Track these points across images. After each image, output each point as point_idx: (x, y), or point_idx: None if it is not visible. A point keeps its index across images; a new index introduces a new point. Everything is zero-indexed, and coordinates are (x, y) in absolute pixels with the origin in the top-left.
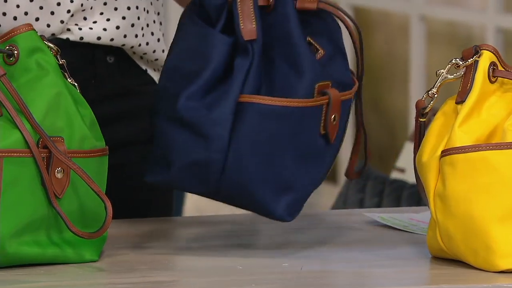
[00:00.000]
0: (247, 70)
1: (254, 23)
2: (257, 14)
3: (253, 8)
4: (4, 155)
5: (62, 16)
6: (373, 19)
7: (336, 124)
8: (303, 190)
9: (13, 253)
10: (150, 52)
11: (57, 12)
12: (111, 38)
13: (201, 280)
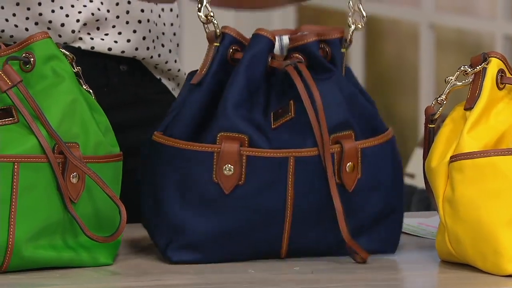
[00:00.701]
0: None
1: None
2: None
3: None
4: (20, 161)
5: (73, 26)
6: (383, 28)
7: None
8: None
9: (29, 256)
10: (163, 62)
11: (67, 22)
12: (122, 50)
13: (214, 282)
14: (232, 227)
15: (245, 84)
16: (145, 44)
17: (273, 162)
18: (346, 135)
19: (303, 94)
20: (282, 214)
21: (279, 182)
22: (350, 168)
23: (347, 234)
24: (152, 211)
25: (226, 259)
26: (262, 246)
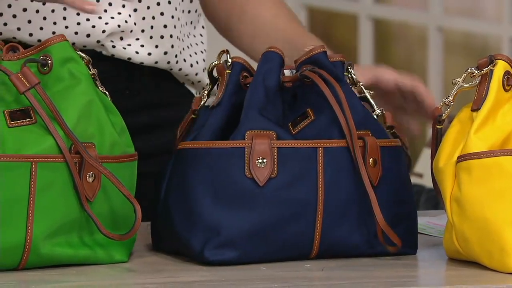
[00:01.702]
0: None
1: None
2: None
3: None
4: (37, 161)
5: (98, 36)
6: (393, 31)
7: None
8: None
9: (46, 254)
10: (182, 75)
11: (93, 34)
12: (141, 61)
13: (228, 279)
14: (267, 221)
15: (264, 93)
16: (165, 58)
17: (303, 153)
18: (365, 133)
19: (326, 90)
20: (314, 206)
21: (309, 173)
22: (373, 163)
23: (382, 219)
24: (184, 217)
25: (261, 257)
26: (295, 241)
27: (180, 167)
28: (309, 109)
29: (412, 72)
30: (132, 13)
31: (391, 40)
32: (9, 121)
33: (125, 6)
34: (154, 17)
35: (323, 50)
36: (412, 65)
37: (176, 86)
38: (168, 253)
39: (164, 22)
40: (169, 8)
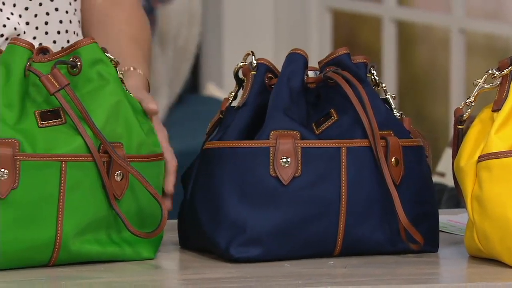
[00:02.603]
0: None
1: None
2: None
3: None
4: (67, 160)
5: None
6: (416, 33)
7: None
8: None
9: (76, 250)
10: None
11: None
12: None
13: (253, 275)
14: (291, 219)
15: (289, 94)
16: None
17: (327, 152)
18: (388, 133)
19: (349, 91)
20: (337, 204)
21: (333, 172)
22: (395, 162)
23: (404, 218)
24: (210, 215)
25: (285, 255)
26: (319, 239)
27: (206, 166)
28: (332, 109)
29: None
30: (23, 12)
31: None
32: (39, 121)
33: (16, 6)
34: (49, 13)
35: (347, 51)
36: (434, 66)
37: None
38: (194, 250)
39: (59, 17)
40: (63, 2)
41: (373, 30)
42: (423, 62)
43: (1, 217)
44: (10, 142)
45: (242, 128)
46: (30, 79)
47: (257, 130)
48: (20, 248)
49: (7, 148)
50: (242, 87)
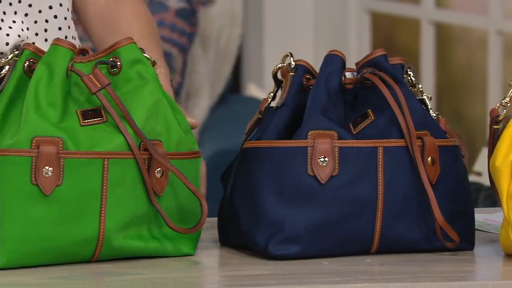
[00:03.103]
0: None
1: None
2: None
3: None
4: (109, 157)
5: (2, 48)
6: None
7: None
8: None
9: (118, 246)
10: None
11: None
12: None
13: (291, 272)
14: (329, 218)
15: (327, 94)
16: None
17: (364, 152)
18: (424, 133)
19: (386, 91)
20: (374, 203)
21: (370, 171)
22: (431, 162)
23: (440, 216)
24: (249, 213)
25: (323, 252)
26: (356, 237)
27: (246, 165)
28: (369, 109)
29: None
30: (24, 18)
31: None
32: (81, 120)
33: (17, 13)
34: (48, 20)
35: (383, 53)
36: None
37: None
38: (234, 247)
39: (58, 24)
40: (62, 10)
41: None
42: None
43: (46, 213)
44: (54, 140)
45: (281, 128)
46: (72, 79)
47: (295, 130)
48: (64, 243)
49: (51, 146)
50: (281, 87)
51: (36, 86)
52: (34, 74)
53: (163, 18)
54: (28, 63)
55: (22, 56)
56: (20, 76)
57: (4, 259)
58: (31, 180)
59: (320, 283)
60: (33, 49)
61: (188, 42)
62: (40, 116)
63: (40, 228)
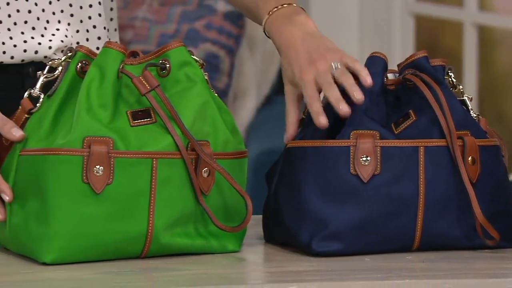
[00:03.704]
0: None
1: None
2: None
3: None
4: (158, 157)
5: (45, 52)
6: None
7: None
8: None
9: (166, 243)
10: None
11: (40, 50)
12: None
13: (333, 269)
14: (371, 216)
15: (369, 95)
16: None
17: (405, 151)
18: (465, 133)
19: (427, 92)
20: (415, 202)
21: (411, 170)
22: (472, 161)
23: (481, 214)
24: (293, 211)
25: (365, 249)
26: (397, 235)
27: (290, 164)
28: (411, 110)
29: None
30: (68, 27)
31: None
32: (131, 121)
33: (60, 22)
34: (88, 30)
35: (425, 55)
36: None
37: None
38: (278, 244)
39: (98, 34)
40: (100, 20)
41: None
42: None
43: (96, 211)
44: (105, 140)
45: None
46: (122, 80)
47: (338, 130)
48: (113, 240)
49: (102, 145)
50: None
51: (87, 87)
52: (86, 76)
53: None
54: (81, 65)
55: (75, 58)
56: (72, 77)
57: (55, 254)
58: (82, 178)
59: (362, 279)
60: (85, 51)
61: (235, 44)
62: (91, 117)
63: (90, 225)
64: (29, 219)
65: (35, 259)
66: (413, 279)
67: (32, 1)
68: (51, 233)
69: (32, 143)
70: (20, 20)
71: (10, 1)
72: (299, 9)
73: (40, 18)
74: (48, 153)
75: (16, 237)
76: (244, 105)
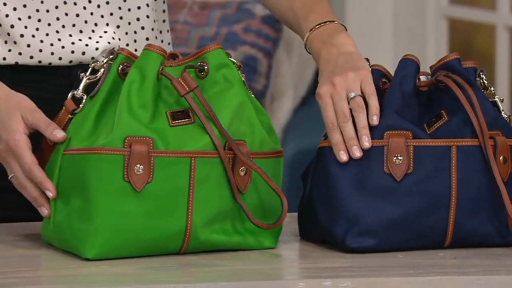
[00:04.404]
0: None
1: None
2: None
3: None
4: (196, 156)
5: (93, 53)
6: None
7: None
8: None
9: (204, 239)
10: None
11: (87, 51)
12: None
13: (367, 265)
14: (404, 213)
15: (401, 96)
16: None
17: (438, 151)
18: (496, 133)
19: (459, 93)
20: (448, 200)
21: (443, 169)
22: (503, 160)
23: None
24: (327, 208)
25: (398, 246)
26: (430, 232)
27: (324, 163)
28: (443, 111)
29: None
30: (116, 30)
31: None
32: (171, 121)
33: (109, 25)
34: (136, 32)
35: (457, 57)
36: None
37: None
38: (313, 241)
39: (146, 35)
40: (148, 21)
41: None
42: None
43: (136, 208)
44: (145, 140)
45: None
46: (162, 82)
47: (370, 129)
48: (153, 237)
49: (142, 145)
50: None
51: (128, 89)
52: (127, 77)
53: (250, 24)
54: (122, 67)
55: (117, 60)
56: (114, 79)
57: (97, 250)
58: (123, 177)
59: (395, 275)
60: (126, 54)
61: (273, 47)
62: (132, 117)
63: (130, 222)
64: (72, 216)
65: (78, 254)
66: (445, 275)
67: (80, 5)
68: (93, 230)
69: (75, 142)
70: (68, 23)
71: (59, 4)
72: (340, 27)
73: (88, 21)
74: (90, 152)
75: (60, 233)
76: (281, 106)
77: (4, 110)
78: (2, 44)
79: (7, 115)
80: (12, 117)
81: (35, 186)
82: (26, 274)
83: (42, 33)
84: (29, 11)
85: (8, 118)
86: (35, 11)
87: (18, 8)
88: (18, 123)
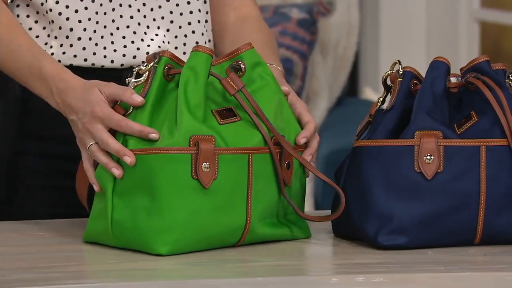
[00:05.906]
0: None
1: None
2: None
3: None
4: (253, 152)
5: (143, 57)
6: None
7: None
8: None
9: (259, 233)
10: None
11: (138, 55)
12: None
13: (399, 261)
14: (434, 211)
15: (432, 97)
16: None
17: (467, 150)
18: None
19: (489, 94)
20: (477, 198)
21: (473, 168)
22: None
23: None
24: (360, 206)
25: (429, 243)
26: (460, 230)
27: (357, 162)
28: (473, 111)
29: None
30: (167, 33)
31: None
32: (219, 119)
33: (159, 28)
34: (187, 35)
35: (487, 59)
36: None
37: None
38: (345, 238)
39: (196, 38)
40: (199, 26)
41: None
42: None
43: (204, 205)
44: (209, 138)
45: (389, 129)
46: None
47: (402, 130)
48: (218, 232)
49: (208, 143)
50: (390, 92)
51: (184, 89)
52: (181, 78)
53: (286, 27)
54: (166, 69)
55: (161, 63)
56: (160, 81)
57: (170, 246)
58: (192, 175)
59: (426, 271)
60: (169, 56)
61: (308, 49)
62: (193, 117)
63: (199, 218)
64: (138, 215)
65: (146, 251)
66: (475, 271)
67: (135, 8)
68: (165, 227)
69: (131, 145)
70: (122, 24)
71: (116, 6)
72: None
73: (141, 23)
74: (157, 152)
75: (120, 232)
76: (316, 106)
77: (83, 91)
78: (58, 47)
79: (87, 94)
80: (92, 92)
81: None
82: (69, 269)
83: (98, 35)
84: (90, 13)
85: (89, 94)
86: (94, 14)
87: (79, 10)
88: (98, 95)
